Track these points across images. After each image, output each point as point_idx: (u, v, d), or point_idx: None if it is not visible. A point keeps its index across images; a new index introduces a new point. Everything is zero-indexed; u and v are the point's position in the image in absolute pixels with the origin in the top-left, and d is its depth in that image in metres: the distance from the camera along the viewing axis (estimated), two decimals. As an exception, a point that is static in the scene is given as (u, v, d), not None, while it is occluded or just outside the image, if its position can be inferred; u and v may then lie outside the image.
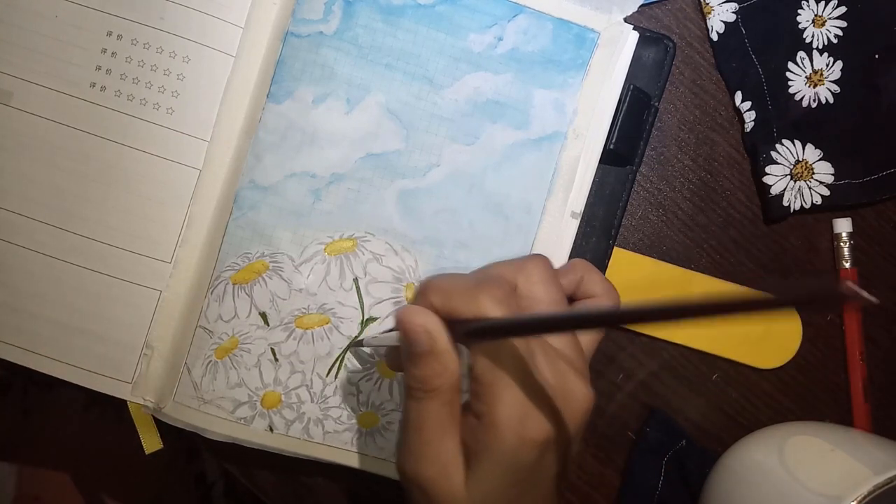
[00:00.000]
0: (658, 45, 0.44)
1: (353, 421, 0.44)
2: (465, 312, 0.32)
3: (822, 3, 0.46)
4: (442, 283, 0.33)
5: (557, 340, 0.35)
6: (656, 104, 0.45)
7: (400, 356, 0.36)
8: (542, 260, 0.36)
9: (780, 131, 0.46)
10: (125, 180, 0.42)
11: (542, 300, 0.34)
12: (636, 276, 0.47)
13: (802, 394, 0.49)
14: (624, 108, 0.44)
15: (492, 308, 0.32)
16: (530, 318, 0.32)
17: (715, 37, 0.47)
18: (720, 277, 0.48)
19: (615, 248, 0.46)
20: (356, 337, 0.43)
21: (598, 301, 0.38)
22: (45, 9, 0.41)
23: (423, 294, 0.34)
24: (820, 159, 0.46)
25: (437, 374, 0.33)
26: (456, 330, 0.33)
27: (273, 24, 0.42)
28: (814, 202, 0.47)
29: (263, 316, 0.43)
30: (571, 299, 0.39)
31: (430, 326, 0.33)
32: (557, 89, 0.43)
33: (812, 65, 0.46)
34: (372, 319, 0.43)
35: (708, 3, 0.46)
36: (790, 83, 0.46)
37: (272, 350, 0.43)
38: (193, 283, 0.42)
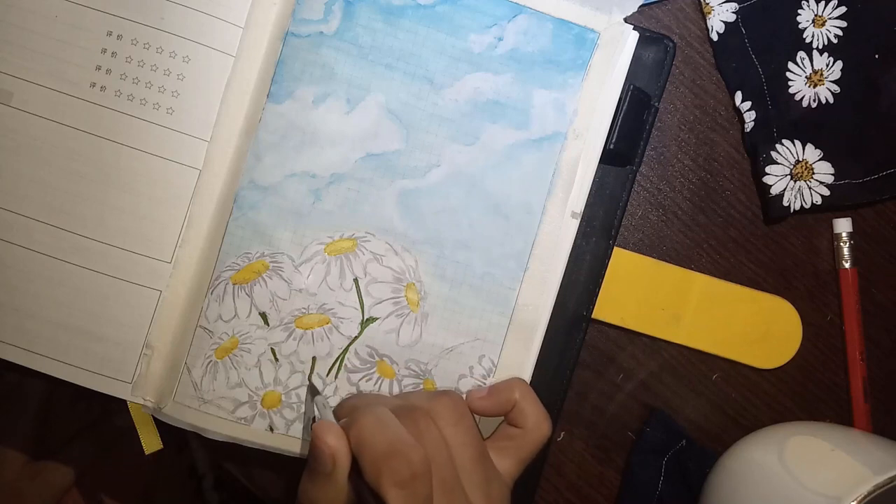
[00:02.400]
0: (658, 45, 0.44)
1: (353, 421, 0.44)
2: (368, 478, 0.32)
3: (822, 3, 0.46)
4: (363, 430, 0.33)
5: (470, 485, 0.35)
6: (656, 104, 0.45)
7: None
8: (452, 400, 0.37)
9: (780, 131, 0.46)
10: (125, 180, 0.42)
11: (450, 444, 0.35)
12: (636, 276, 0.47)
13: (802, 394, 0.49)
14: (624, 108, 0.44)
15: (390, 492, 0.31)
16: None
17: (715, 37, 0.47)
18: (720, 277, 0.48)
19: (615, 248, 0.46)
20: (310, 383, 0.43)
21: (524, 433, 0.38)
22: (44, 9, 0.41)
23: (350, 423, 0.34)
24: (820, 159, 0.46)
25: (329, 501, 0.33)
26: (355, 481, 0.33)
27: (273, 24, 0.42)
28: (814, 202, 0.47)
29: (263, 316, 0.43)
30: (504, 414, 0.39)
31: (338, 456, 0.33)
32: (557, 89, 0.43)
33: (812, 65, 0.46)
34: (372, 319, 0.43)
35: (708, 3, 0.46)
36: (790, 83, 0.46)
37: (272, 350, 0.43)
38: (193, 283, 0.42)
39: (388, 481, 0.32)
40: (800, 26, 0.46)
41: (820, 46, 0.46)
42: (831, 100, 0.46)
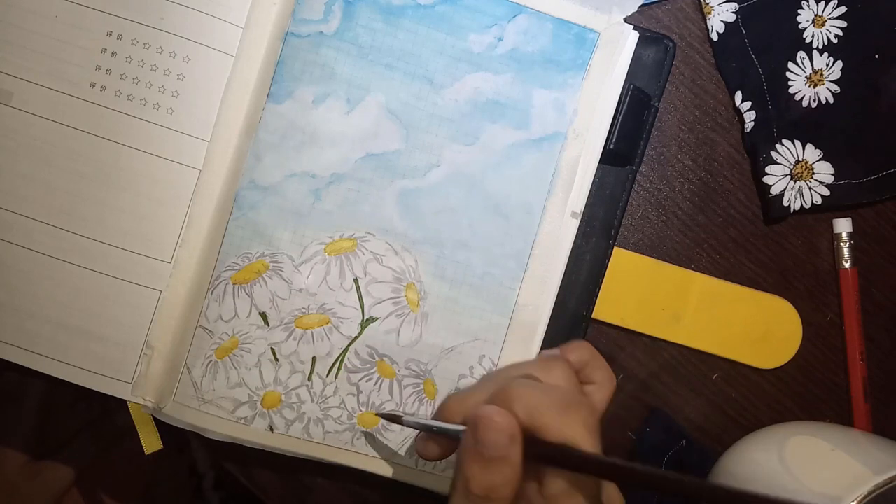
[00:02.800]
0: (658, 45, 0.44)
1: (353, 421, 0.44)
2: (553, 435, 0.31)
3: (822, 3, 0.46)
4: (529, 396, 0.32)
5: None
6: (656, 104, 0.45)
7: (438, 445, 0.35)
8: (566, 364, 0.36)
9: (780, 131, 0.46)
10: (125, 180, 0.42)
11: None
12: (636, 276, 0.47)
13: (802, 394, 0.49)
14: (624, 108, 0.44)
15: (584, 437, 0.31)
16: (629, 468, 0.30)
17: (715, 37, 0.47)
18: (720, 277, 0.48)
19: (615, 248, 0.46)
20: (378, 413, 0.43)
21: (598, 388, 0.38)
22: (44, 9, 0.41)
23: (506, 401, 0.32)
24: (820, 159, 0.46)
25: (507, 483, 0.31)
26: (534, 449, 0.31)
27: (273, 24, 0.42)
28: (814, 202, 0.47)
29: (263, 316, 0.43)
30: None
31: (515, 432, 0.31)
32: (557, 89, 0.43)
33: (812, 65, 0.46)
34: (372, 319, 0.43)
35: (708, 3, 0.46)
36: (790, 83, 0.46)
37: (272, 350, 0.43)
38: (193, 283, 0.42)
39: (580, 429, 0.31)
40: (800, 26, 0.46)
41: (820, 46, 0.46)
42: (831, 100, 0.46)
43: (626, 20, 0.43)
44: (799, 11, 0.46)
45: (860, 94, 0.46)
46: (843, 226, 0.48)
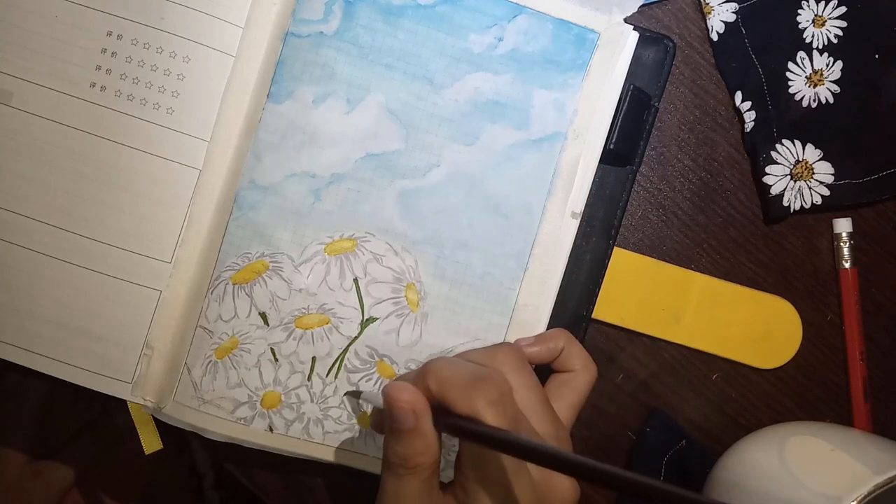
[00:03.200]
0: (658, 45, 0.44)
1: (353, 421, 0.44)
2: (459, 408, 0.33)
3: (822, 3, 0.46)
4: (441, 371, 0.34)
5: (540, 424, 0.36)
6: (656, 104, 0.45)
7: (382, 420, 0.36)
8: (512, 349, 0.38)
9: (780, 131, 0.46)
10: (125, 180, 0.42)
11: (515, 388, 0.35)
12: (636, 276, 0.47)
13: (802, 394, 0.49)
14: (624, 108, 0.44)
15: (485, 410, 0.32)
16: (517, 441, 0.32)
17: (715, 37, 0.47)
18: (720, 277, 0.48)
19: (615, 248, 0.46)
20: (351, 392, 0.44)
21: (575, 376, 0.40)
22: (44, 9, 0.41)
23: (422, 376, 0.35)
24: (820, 159, 0.46)
25: (419, 453, 0.34)
26: (443, 420, 0.34)
27: (273, 24, 0.42)
28: (814, 202, 0.47)
29: (263, 316, 0.43)
30: (548, 368, 0.41)
31: (417, 406, 0.33)
32: (557, 89, 0.43)
33: (812, 65, 0.46)
34: (372, 320, 0.43)
35: (708, 3, 0.46)
36: (790, 83, 0.46)
37: (272, 350, 0.43)
38: (193, 283, 0.42)
39: (480, 402, 0.32)
40: (800, 26, 0.46)
41: (820, 46, 0.46)
42: (831, 100, 0.46)
43: (626, 20, 0.43)
44: (799, 11, 0.46)
45: (860, 94, 0.46)
46: (843, 226, 0.48)
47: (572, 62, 0.43)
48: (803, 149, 0.46)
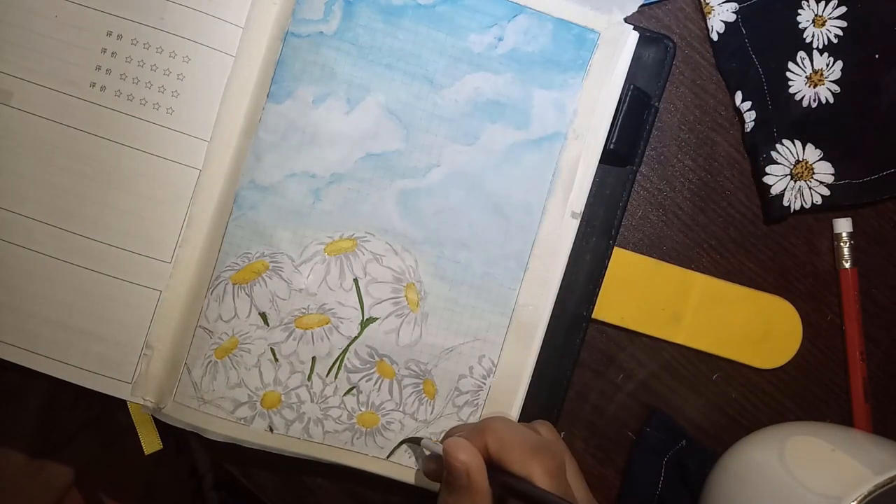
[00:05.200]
0: (658, 45, 0.44)
1: (353, 421, 0.44)
2: (516, 470, 0.35)
3: (822, 3, 0.46)
4: (502, 432, 0.37)
5: (579, 493, 0.38)
6: (656, 104, 0.45)
7: (438, 467, 0.39)
8: (548, 423, 0.41)
9: (780, 131, 0.46)
10: (125, 180, 0.42)
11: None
12: (636, 276, 0.47)
13: (802, 394, 0.49)
14: (624, 108, 0.44)
15: (542, 478, 0.35)
16: None
17: (715, 37, 0.47)
18: (720, 277, 0.48)
19: (615, 248, 0.46)
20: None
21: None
22: (44, 8, 0.41)
23: (481, 433, 0.37)
24: (820, 159, 0.46)
25: None
26: (499, 479, 0.35)
27: (273, 24, 0.42)
28: (814, 202, 0.47)
29: (263, 316, 0.43)
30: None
31: (472, 467, 0.35)
32: (557, 89, 0.43)
33: (812, 65, 0.46)
34: (372, 320, 0.43)
35: (708, 3, 0.46)
36: (790, 83, 0.46)
37: (272, 350, 0.43)
38: (193, 283, 0.42)
39: (538, 469, 0.35)
40: (800, 26, 0.46)
41: (820, 46, 0.46)
42: (831, 100, 0.46)
43: (626, 20, 0.43)
44: (799, 11, 0.46)
45: (860, 94, 0.46)
46: (843, 226, 0.48)
47: (572, 62, 0.43)
48: (803, 149, 0.46)
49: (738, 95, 0.47)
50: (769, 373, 0.49)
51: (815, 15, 0.46)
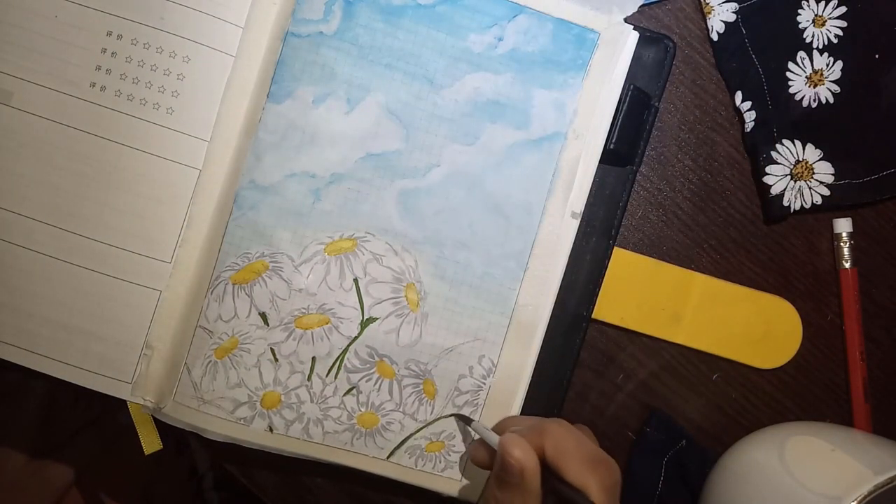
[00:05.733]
0: (658, 45, 0.44)
1: (353, 421, 0.44)
2: (572, 480, 0.35)
3: (822, 3, 0.46)
4: (562, 440, 0.36)
5: None
6: (656, 104, 0.45)
7: (488, 455, 0.39)
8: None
9: (780, 131, 0.46)
10: (125, 180, 0.42)
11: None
12: (636, 276, 0.47)
13: (802, 394, 0.49)
14: (624, 108, 0.44)
15: (599, 493, 0.35)
16: None
17: (715, 37, 0.47)
18: (720, 277, 0.48)
19: (615, 248, 0.46)
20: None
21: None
22: (44, 8, 0.41)
23: (539, 434, 0.37)
24: (820, 159, 0.46)
25: None
26: (553, 485, 0.35)
27: (273, 24, 0.42)
28: (814, 202, 0.47)
29: (263, 316, 0.43)
30: None
31: (528, 468, 0.35)
32: (557, 89, 0.43)
33: (812, 65, 0.46)
34: (372, 320, 0.43)
35: (708, 3, 0.46)
36: (790, 83, 0.46)
37: (272, 350, 0.43)
38: (193, 283, 0.42)
39: (595, 483, 0.35)
40: (800, 26, 0.46)
41: (820, 46, 0.46)
42: (831, 100, 0.46)
43: (626, 20, 0.43)
44: (799, 11, 0.46)
45: (860, 94, 0.46)
46: (843, 226, 0.48)
47: (572, 62, 0.43)
48: (803, 149, 0.46)
49: (738, 95, 0.47)
50: (769, 373, 0.49)
51: (815, 15, 0.46)
